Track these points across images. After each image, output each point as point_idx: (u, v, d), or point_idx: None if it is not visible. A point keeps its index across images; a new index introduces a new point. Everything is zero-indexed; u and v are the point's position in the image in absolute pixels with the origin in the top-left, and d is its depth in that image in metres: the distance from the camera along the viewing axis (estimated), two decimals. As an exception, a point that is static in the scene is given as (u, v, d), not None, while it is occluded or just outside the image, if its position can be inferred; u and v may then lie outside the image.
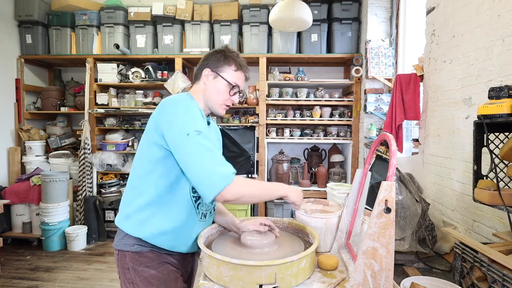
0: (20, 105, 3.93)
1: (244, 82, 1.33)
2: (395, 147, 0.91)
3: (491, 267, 1.02)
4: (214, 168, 1.01)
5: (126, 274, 1.15)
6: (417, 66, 2.47)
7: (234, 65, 1.26)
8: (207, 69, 1.26)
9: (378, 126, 3.35)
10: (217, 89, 1.25)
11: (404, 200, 1.47)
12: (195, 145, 1.03)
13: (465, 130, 1.81)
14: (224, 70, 1.25)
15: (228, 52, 1.28)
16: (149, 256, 1.15)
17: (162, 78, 3.81)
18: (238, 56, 1.28)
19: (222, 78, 1.25)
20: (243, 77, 1.30)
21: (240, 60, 1.27)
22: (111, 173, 3.96)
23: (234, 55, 1.27)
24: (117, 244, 1.18)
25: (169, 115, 1.09)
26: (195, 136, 1.03)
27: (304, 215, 1.29)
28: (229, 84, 1.25)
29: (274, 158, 3.81)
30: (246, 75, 1.31)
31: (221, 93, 1.25)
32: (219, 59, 1.26)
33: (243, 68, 1.28)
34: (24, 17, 3.87)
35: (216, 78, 1.25)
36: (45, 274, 2.92)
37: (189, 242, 1.21)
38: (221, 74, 1.25)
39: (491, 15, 1.62)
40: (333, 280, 1.02)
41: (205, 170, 1.01)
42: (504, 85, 1.16)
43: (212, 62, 1.26)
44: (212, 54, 1.28)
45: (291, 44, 3.78)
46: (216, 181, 1.00)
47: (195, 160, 1.02)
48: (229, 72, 1.26)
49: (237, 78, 1.27)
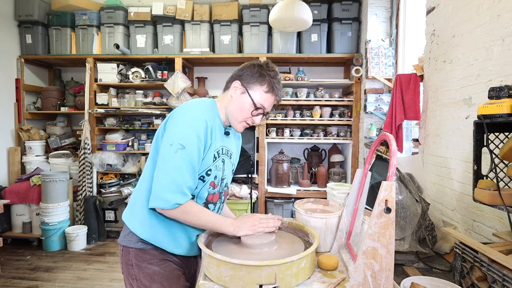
0: (20, 105, 3.93)
1: (273, 105, 1.24)
2: (395, 147, 0.91)
3: (491, 267, 1.02)
4: (164, 190, 1.05)
5: (130, 270, 1.17)
6: (417, 66, 2.47)
7: (266, 86, 1.18)
8: (238, 81, 1.20)
9: (378, 126, 3.35)
10: (241, 105, 1.18)
11: (404, 200, 1.47)
12: (169, 158, 1.06)
13: (465, 130, 1.81)
14: (254, 88, 1.18)
15: (265, 69, 1.19)
16: (153, 253, 1.16)
17: (162, 78, 3.81)
18: (275, 76, 1.19)
19: (249, 96, 1.17)
20: (273, 101, 1.21)
21: (275, 82, 1.19)
22: (111, 173, 3.96)
23: (270, 75, 1.18)
24: (122, 240, 1.19)
25: (174, 119, 1.11)
26: (175, 149, 1.06)
27: (304, 215, 1.29)
28: (254, 104, 1.18)
29: (274, 158, 3.81)
30: (277, 99, 1.22)
31: (244, 111, 1.18)
32: (253, 75, 1.18)
33: (275, 91, 1.20)
34: (24, 17, 3.87)
35: (244, 94, 1.18)
36: (45, 274, 2.92)
37: (189, 246, 1.22)
38: (249, 91, 1.18)
39: (491, 15, 1.62)
40: (333, 280, 1.02)
41: (160, 185, 1.06)
42: (504, 85, 1.16)
43: (245, 75, 1.19)
44: (248, 67, 1.21)
45: (291, 44, 3.78)
46: (157, 200, 1.06)
47: (159, 171, 1.08)
48: (259, 91, 1.18)
49: (265, 100, 1.19)
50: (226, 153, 1.25)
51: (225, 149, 1.24)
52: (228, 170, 1.28)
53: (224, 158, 1.23)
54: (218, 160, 1.19)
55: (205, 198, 1.20)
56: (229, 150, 1.27)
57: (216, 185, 1.22)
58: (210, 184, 1.19)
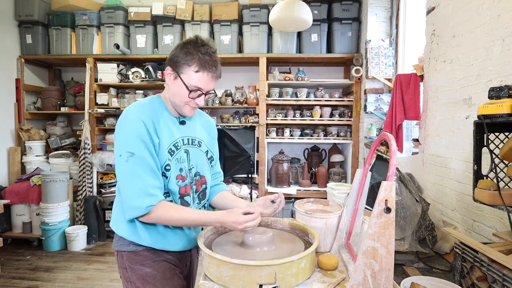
0: (20, 105, 3.93)
1: (214, 82, 1.14)
2: (395, 147, 0.91)
3: (491, 267, 1.02)
4: (132, 198, 1.05)
5: (124, 274, 1.18)
6: (417, 66, 2.47)
7: (195, 65, 1.08)
8: (168, 67, 1.12)
9: (378, 126, 3.35)
10: (176, 91, 1.12)
11: (404, 200, 1.47)
12: (123, 168, 1.07)
13: (465, 130, 1.81)
14: (184, 71, 1.09)
15: (193, 46, 1.08)
16: (145, 254, 1.17)
17: (162, 78, 3.81)
18: (206, 52, 1.08)
19: (181, 80, 1.09)
20: (209, 78, 1.11)
21: (206, 58, 1.08)
22: (111, 173, 3.96)
23: (200, 51, 1.07)
24: (115, 245, 1.21)
25: (116, 131, 1.12)
26: (125, 158, 1.06)
27: (304, 215, 1.29)
28: (187, 88, 1.10)
29: (274, 158, 3.81)
30: (213, 75, 1.11)
31: (181, 95, 1.11)
32: (182, 56, 1.08)
33: (207, 68, 1.08)
34: (24, 17, 3.87)
35: (176, 79, 1.11)
36: (45, 274, 2.92)
37: (180, 242, 1.22)
38: (180, 75, 1.09)
39: (491, 15, 1.62)
40: (333, 280, 1.02)
41: (126, 196, 1.07)
42: (504, 85, 1.16)
43: (175, 58, 1.10)
44: (177, 48, 1.11)
45: (291, 44, 3.78)
46: (130, 210, 1.07)
47: (121, 183, 1.09)
48: (189, 73, 1.09)
49: (199, 81, 1.09)
50: (191, 143, 1.22)
51: (186, 139, 1.21)
52: (197, 158, 1.23)
53: (188, 148, 1.20)
54: (178, 153, 1.16)
55: (178, 193, 1.17)
56: (195, 139, 1.24)
57: (185, 177, 1.19)
58: (177, 177, 1.16)
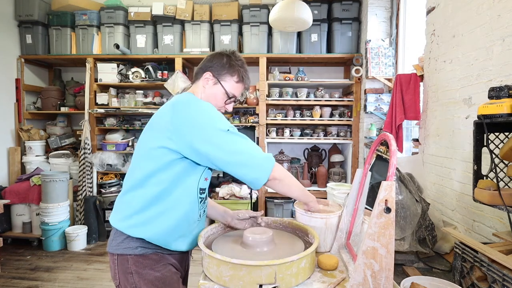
0: (20, 105, 3.93)
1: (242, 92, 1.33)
2: (395, 147, 0.91)
3: (491, 267, 1.02)
4: (260, 153, 1.09)
5: (128, 279, 1.11)
6: (417, 66, 2.47)
7: (237, 76, 1.25)
8: (209, 72, 1.24)
9: (378, 126, 3.35)
10: (214, 95, 1.24)
11: (404, 200, 1.47)
12: (239, 138, 1.09)
13: (465, 130, 1.81)
14: (226, 79, 1.24)
15: (234, 60, 1.25)
16: (153, 258, 1.13)
17: (162, 78, 3.81)
18: (242, 65, 1.26)
19: (222, 87, 1.24)
20: (242, 89, 1.29)
21: (243, 71, 1.26)
22: (111, 173, 3.96)
23: (239, 64, 1.25)
24: (116, 248, 1.12)
25: (193, 119, 1.07)
26: (234, 131, 1.09)
27: (304, 215, 1.29)
28: (227, 94, 1.25)
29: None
30: (246, 87, 1.31)
31: (218, 100, 1.24)
32: (224, 66, 1.23)
33: (244, 80, 1.27)
34: (24, 17, 3.87)
35: (216, 84, 1.24)
36: (45, 274, 2.92)
37: (189, 240, 1.22)
38: (222, 82, 1.24)
39: (491, 15, 1.62)
40: (333, 280, 1.02)
41: (251, 153, 1.08)
42: (504, 85, 1.16)
43: (216, 66, 1.24)
44: (217, 58, 1.25)
45: (291, 44, 3.78)
46: (265, 163, 1.08)
47: (242, 150, 1.07)
48: (230, 82, 1.25)
49: (236, 90, 1.27)
50: None
51: None
52: None
53: None
54: None
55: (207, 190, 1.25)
56: None
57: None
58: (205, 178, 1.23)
